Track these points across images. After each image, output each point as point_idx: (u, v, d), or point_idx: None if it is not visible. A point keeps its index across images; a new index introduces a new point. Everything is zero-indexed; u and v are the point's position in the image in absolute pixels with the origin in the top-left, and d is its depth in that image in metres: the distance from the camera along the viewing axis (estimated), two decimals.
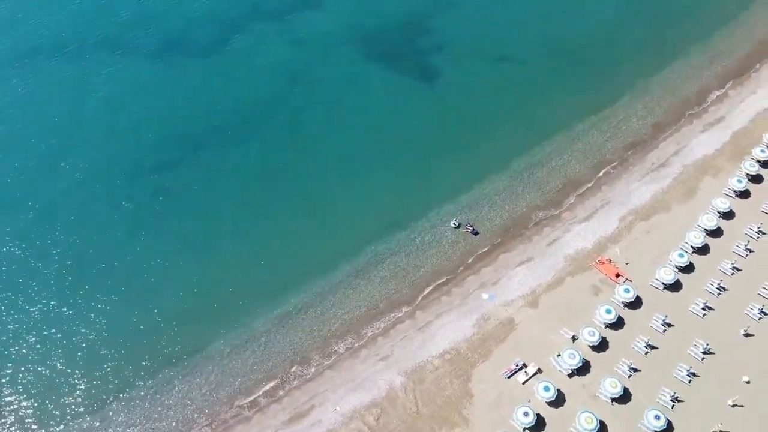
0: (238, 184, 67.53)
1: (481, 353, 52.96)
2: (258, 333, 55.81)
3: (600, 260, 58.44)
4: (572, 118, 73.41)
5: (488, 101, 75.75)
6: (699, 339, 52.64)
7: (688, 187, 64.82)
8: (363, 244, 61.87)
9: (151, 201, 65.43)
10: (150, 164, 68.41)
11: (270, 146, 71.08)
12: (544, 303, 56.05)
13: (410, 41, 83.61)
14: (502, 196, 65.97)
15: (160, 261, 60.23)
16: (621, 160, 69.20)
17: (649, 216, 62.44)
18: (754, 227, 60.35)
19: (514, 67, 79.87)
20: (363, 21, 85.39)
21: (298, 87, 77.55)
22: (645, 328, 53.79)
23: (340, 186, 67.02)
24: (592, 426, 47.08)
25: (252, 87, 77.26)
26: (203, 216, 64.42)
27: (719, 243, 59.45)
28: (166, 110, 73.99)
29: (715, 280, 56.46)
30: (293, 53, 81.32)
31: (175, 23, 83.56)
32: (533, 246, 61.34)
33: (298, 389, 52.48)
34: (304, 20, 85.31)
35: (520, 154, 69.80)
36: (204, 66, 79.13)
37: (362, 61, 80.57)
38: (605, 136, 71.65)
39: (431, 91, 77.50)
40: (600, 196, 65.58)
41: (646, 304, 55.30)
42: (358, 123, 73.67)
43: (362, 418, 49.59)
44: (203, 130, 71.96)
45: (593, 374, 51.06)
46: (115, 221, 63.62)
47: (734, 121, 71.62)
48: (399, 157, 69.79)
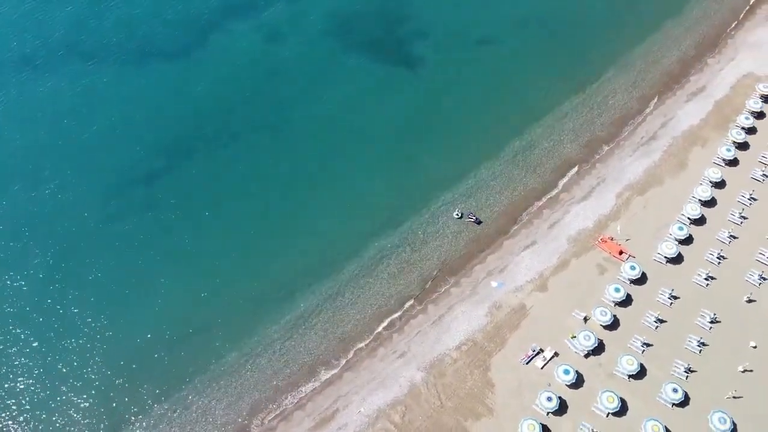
0: (230, 189, 66.23)
1: (496, 342, 53.59)
2: (272, 341, 55.35)
3: (602, 239, 59.40)
4: (559, 97, 73.94)
5: (473, 85, 75.63)
6: (705, 309, 54.20)
7: (679, 159, 66.09)
8: (366, 241, 61.60)
9: (142, 214, 63.68)
10: (137, 176, 66.46)
11: (258, 147, 69.68)
12: (553, 286, 56.84)
13: (388, 28, 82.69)
14: (499, 181, 66.27)
15: (162, 277, 58.91)
16: (611, 136, 70.13)
17: (644, 190, 63.56)
18: (746, 194, 62.00)
19: (496, 49, 79.73)
20: (339, 9, 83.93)
21: (280, 83, 76.15)
22: (652, 302, 55.11)
23: (335, 183, 66.40)
24: (614, 404, 48.30)
25: (233, 87, 75.45)
26: (198, 226, 63.07)
27: (715, 213, 60.98)
28: (148, 118, 71.83)
29: (715, 249, 58.02)
30: (271, 48, 79.70)
31: (146, 27, 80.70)
32: (535, 230, 61.98)
33: (319, 394, 52.43)
34: (279, 13, 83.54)
35: (511, 138, 70.06)
36: (181, 69, 76.85)
37: (342, 52, 79.39)
38: (594, 112, 72.39)
39: (415, 78, 76.90)
40: (595, 174, 66.45)
41: (651, 278, 56.56)
42: (344, 116, 72.76)
43: (388, 417, 49.89)
44: (188, 136, 70.18)
45: (608, 353, 52.21)
46: (108, 239, 61.67)
47: (716, 89, 73.01)
48: (390, 149, 69.52)
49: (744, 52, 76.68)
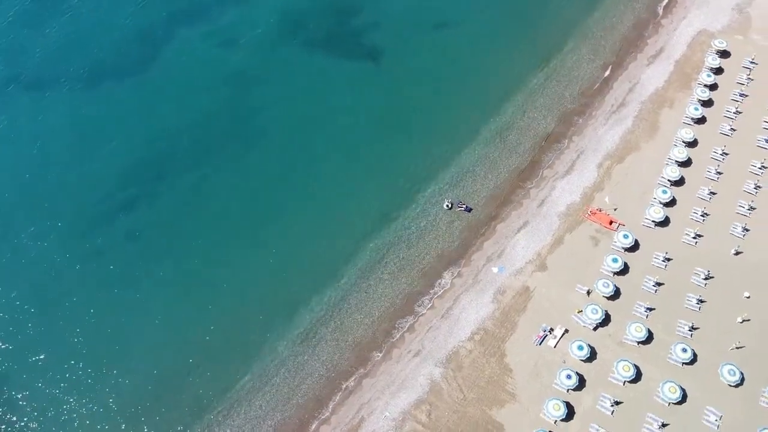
0: (211, 208, 64.19)
1: (507, 327, 54.37)
2: (284, 358, 54.55)
3: (591, 211, 60.70)
4: (525, 74, 74.56)
5: (438, 71, 75.39)
6: (698, 267, 56.37)
7: (650, 122, 67.88)
8: (360, 244, 61.05)
9: (125, 248, 61.13)
10: (112, 208, 63.63)
11: (232, 160, 67.57)
12: (552, 264, 57.88)
13: (343, 21, 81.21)
14: (481, 166, 66.61)
15: (159, 310, 56.94)
16: (583, 108, 71.33)
17: (623, 158, 65.12)
18: (718, 150, 64.36)
19: (454, 32, 79.55)
20: (291, 7, 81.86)
21: (243, 90, 73.97)
22: (649, 267, 56.90)
23: (318, 189, 65.29)
24: (630, 373, 49.93)
25: (195, 100, 72.71)
26: (186, 251, 60.93)
27: (692, 172, 63.10)
28: (111, 144, 68.61)
29: (698, 208, 60.17)
30: (228, 55, 77.13)
31: (93, 49, 76.63)
32: (525, 210, 62.81)
33: (341, 405, 52.18)
34: (229, 17, 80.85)
35: (485, 120, 70.36)
36: (138, 88, 73.57)
37: (301, 51, 77.65)
38: (561, 86, 73.35)
39: (378, 70, 76.07)
40: (573, 147, 67.62)
41: (643, 244, 58.30)
42: (314, 118, 71.19)
43: (414, 418, 50.14)
44: (158, 157, 67.54)
45: (615, 322, 53.75)
46: (95, 278, 58.98)
47: (673, 50, 75.02)
48: (367, 147, 68.69)
49: (694, 9, 78.85)
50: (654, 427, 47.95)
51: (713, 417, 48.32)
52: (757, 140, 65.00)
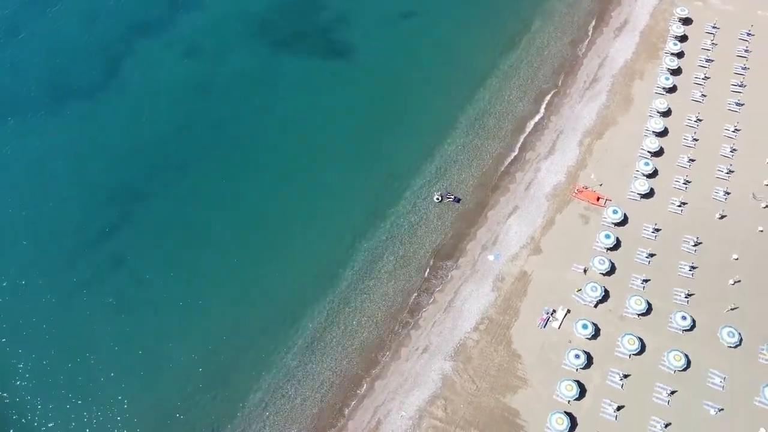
0: (196, 223, 62.77)
1: (510, 313, 54.92)
2: (291, 369, 53.96)
3: (578, 189, 61.53)
4: (496, 57, 74.90)
5: (410, 62, 75.12)
6: (687, 234, 57.86)
7: (624, 95, 68.95)
8: (354, 245, 60.58)
9: (113, 275, 58.88)
10: (93, 232, 61.49)
11: (213, 172, 66.05)
12: (546, 246, 58.57)
13: (309, 19, 79.96)
14: (465, 154, 66.74)
15: (157, 335, 55.47)
16: (557, 87, 71.98)
17: (602, 133, 66.09)
18: (692, 117, 65.89)
19: (422, 20, 79.37)
20: (252, 9, 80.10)
21: (214, 99, 72.30)
22: (640, 239, 58.12)
23: (304, 194, 64.40)
24: (635, 346, 51.14)
25: (166, 113, 70.75)
26: (176, 271, 59.46)
27: (670, 141, 64.50)
28: (86, 167, 66.20)
29: (680, 176, 61.61)
30: (194, 64, 75.16)
31: (52, 68, 73.68)
32: (513, 195, 63.28)
33: (356, 410, 52.07)
34: (190, 24, 78.80)
35: (463, 108, 70.48)
36: (105, 106, 71.02)
37: (269, 53, 76.22)
38: (533, 66, 73.90)
39: (350, 67, 75.27)
40: (552, 127, 68.26)
41: (631, 217, 59.46)
42: (291, 121, 70.35)
43: (431, 414, 50.40)
44: (136, 176, 65.47)
45: (614, 297, 54.82)
46: (84, 308, 56.83)
47: (637, 21, 76.27)
48: (348, 146, 67.96)
49: None
50: (663, 396, 49.32)
51: (718, 379, 49.96)
52: (728, 104, 66.77)
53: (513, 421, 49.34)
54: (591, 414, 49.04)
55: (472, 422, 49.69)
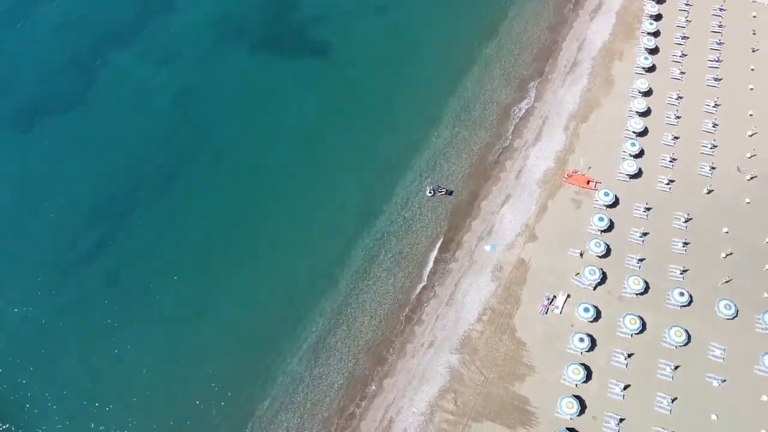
0: (187, 235, 61.95)
1: (511, 302, 55.41)
2: (299, 375, 53.79)
3: (568, 174, 62.09)
4: (476, 46, 74.99)
5: (390, 56, 74.81)
6: (677, 211, 58.86)
7: (605, 77, 69.62)
8: (350, 246, 60.47)
9: (107, 291, 58.32)
10: (83, 252, 60.49)
11: (200, 181, 65.39)
12: (541, 233, 59.09)
13: (282, 19, 79.22)
14: (453, 146, 66.86)
15: (162, 352, 54.80)
16: (538, 72, 72.36)
17: (586, 117, 66.71)
18: (673, 95, 66.87)
19: (398, 13, 79.01)
20: (224, 12, 78.85)
21: (194, 106, 71.35)
22: (632, 219, 58.97)
23: (293, 197, 64.10)
24: (637, 325, 52.05)
25: (145, 124, 69.58)
26: (171, 284, 58.70)
27: (653, 120, 65.39)
28: (68, 185, 64.79)
29: (665, 154, 62.57)
30: (170, 71, 73.95)
31: (24, 89, 71.67)
32: (505, 183, 63.64)
33: (368, 410, 52.17)
34: (161, 32, 77.44)
35: (447, 99, 70.52)
36: (81, 122, 69.61)
37: (246, 57, 75.26)
38: (513, 53, 74.21)
39: (329, 65, 74.72)
40: (537, 113, 68.69)
41: (622, 198, 60.23)
42: (273, 124, 69.65)
43: (442, 408, 50.73)
44: (120, 190, 64.42)
45: (611, 279, 55.61)
46: (81, 328, 56.01)
47: (612, 2, 77.05)
48: (335, 146, 67.60)
49: None
50: (667, 372, 50.35)
51: (718, 351, 51.14)
52: (706, 80, 67.89)
53: (523, 408, 49.93)
54: (599, 395, 49.86)
55: (483, 413, 50.16)
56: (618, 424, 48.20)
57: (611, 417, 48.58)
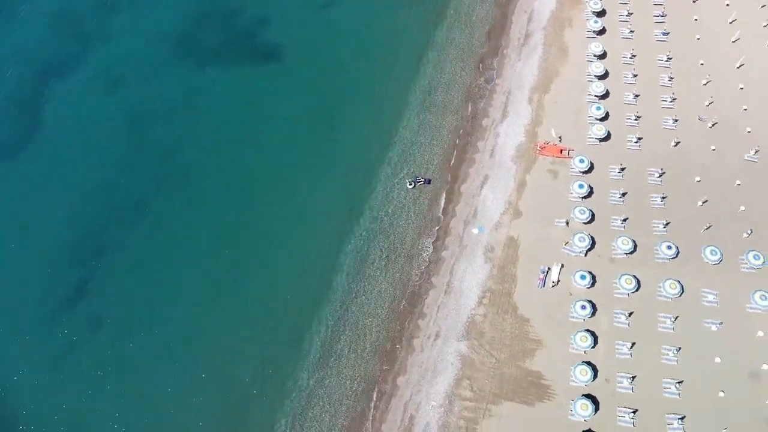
0: (169, 261, 59.62)
1: (508, 281, 55.87)
2: (311, 388, 52.92)
3: (540, 146, 62.78)
4: (428, 30, 74.77)
5: (344, 52, 73.69)
6: (650, 168, 60.48)
7: (559, 46, 70.51)
8: (338, 249, 59.57)
9: (94, 331, 55.69)
10: (60, 298, 57.35)
11: (172, 205, 62.75)
12: (524, 208, 59.65)
13: (229, 27, 76.60)
14: (423, 134, 66.58)
15: (160, 388, 52.91)
16: (494, 49, 72.67)
17: (547, 87, 67.48)
18: (627, 54, 68.35)
19: (345, 6, 77.63)
20: (164, 28, 75.57)
21: (151, 128, 68.24)
22: (609, 182, 60.21)
23: (271, 207, 62.36)
24: (633, 284, 53.39)
25: (104, 153, 66.19)
26: (162, 315, 56.61)
27: (612, 82, 66.71)
28: (30, 231, 61.22)
29: (630, 113, 64.01)
30: (120, 96, 70.47)
31: None
32: (480, 164, 63.88)
33: (386, 411, 51.89)
34: (105, 55, 73.68)
35: (408, 88, 70.08)
36: (33, 161, 65.60)
37: (197, 71, 72.51)
38: (465, 33, 74.32)
39: (285, 67, 72.93)
40: (499, 90, 69.06)
41: (596, 162, 61.35)
42: (238, 137, 67.40)
43: (460, 396, 50.91)
44: (91, 226, 61.29)
45: (599, 243, 56.73)
46: (74, 375, 53.54)
47: None
48: (304, 150, 65.93)
49: None
50: (668, 324, 51.96)
51: (711, 296, 53.08)
52: (655, 35, 69.67)
53: (538, 383, 50.66)
54: (608, 358, 51.06)
55: (499, 394, 50.64)
56: (631, 383, 49.53)
57: (623, 377, 49.89)
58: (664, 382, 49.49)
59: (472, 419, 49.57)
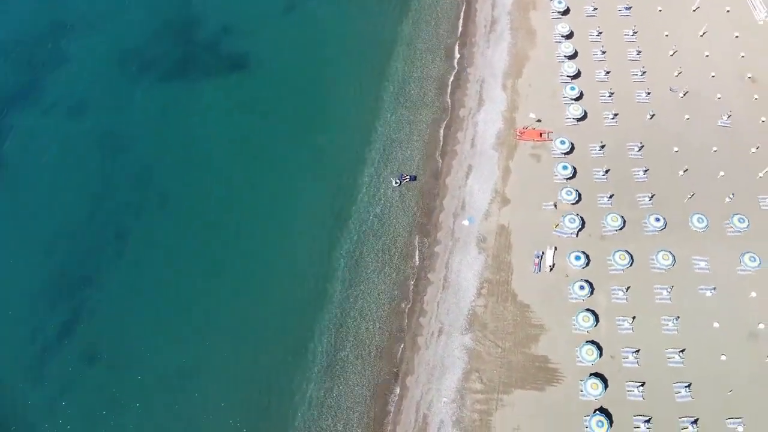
0: (158, 290, 57.56)
1: (504, 269, 56.02)
2: (320, 398, 52.14)
3: (519, 131, 62.98)
4: (393, 25, 74.13)
5: (312, 55, 72.46)
6: (629, 142, 61.25)
7: (526, 29, 70.75)
8: (330, 256, 58.68)
9: (91, 370, 53.91)
10: (50, 337, 55.15)
11: (153, 231, 60.75)
12: (511, 195, 59.82)
13: (189, 38, 74.49)
14: (401, 131, 66.06)
15: (166, 419, 51.63)
16: (461, 38, 72.46)
17: (520, 71, 67.68)
18: (593, 32, 68.97)
19: (307, 8, 76.31)
20: (123, 46, 73.12)
21: (121, 153, 65.89)
22: (591, 160, 60.80)
23: (256, 221, 61.04)
24: (626, 260, 54.08)
25: (73, 184, 63.51)
26: (158, 344, 54.83)
27: (582, 60, 67.26)
28: (4, 268, 58.81)
29: (604, 90, 64.70)
30: (85, 122, 67.78)
31: None
32: (462, 155, 63.73)
33: (400, 413, 51.54)
34: (63, 80, 70.68)
35: (381, 85, 69.43)
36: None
37: (162, 88, 70.24)
38: (431, 25, 73.99)
39: (253, 76, 71.29)
40: (472, 79, 68.93)
41: (576, 142, 61.85)
42: (214, 151, 65.50)
43: (470, 390, 50.93)
44: (72, 261, 59.03)
45: (589, 222, 57.23)
46: (75, 415, 51.91)
47: None
48: (283, 159, 64.53)
49: None
50: (664, 295, 52.84)
51: (703, 263, 54.17)
52: (619, 11, 70.56)
53: (546, 367, 51.01)
54: (610, 334, 51.73)
55: (509, 383, 50.82)
56: (636, 357, 50.24)
57: (627, 351, 50.57)
58: (667, 353, 50.40)
59: (486, 411, 49.66)
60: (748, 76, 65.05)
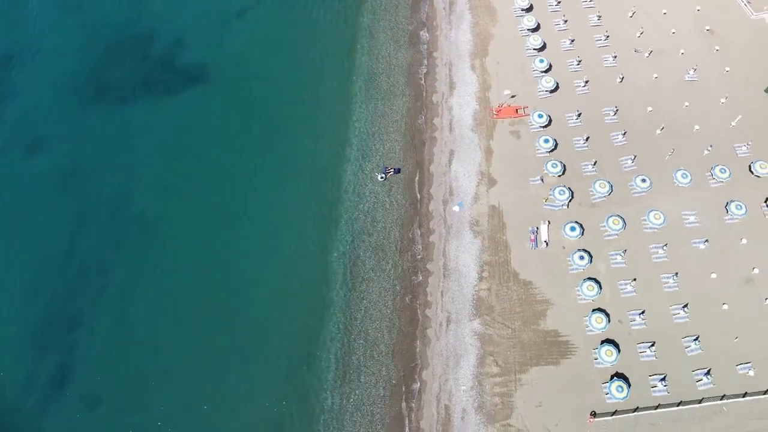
0: (155, 323, 55.11)
1: (502, 249, 56.00)
2: (339, 406, 51.21)
3: (495, 110, 62.84)
4: (352, 20, 72.97)
5: (273, 57, 70.77)
6: (604, 108, 61.85)
7: (486, 7, 70.53)
8: (326, 260, 57.61)
9: (93, 416, 51.76)
10: (45, 384, 52.58)
11: (136, 261, 58.27)
12: (497, 174, 59.74)
13: (142, 55, 71.54)
14: (377, 124, 65.18)
15: None
16: (423, 24, 71.72)
17: (486, 50, 67.45)
18: (553, 2, 69.17)
19: (260, 11, 74.28)
20: (73, 70, 69.62)
21: (89, 183, 62.84)
22: (570, 130, 61.19)
23: (243, 234, 59.33)
24: (620, 224, 54.73)
25: (43, 223, 60.22)
26: (161, 380, 52.88)
27: (546, 32, 67.47)
28: None
29: (571, 59, 65.07)
30: (45, 156, 64.35)
31: None
32: (443, 141, 63.27)
33: (421, 409, 51.15)
34: (15, 113, 66.94)
35: (349, 80, 68.40)
36: None
37: (121, 111, 67.33)
38: (390, 13, 73.12)
39: (215, 86, 68.96)
40: (439, 62, 68.40)
41: (552, 114, 62.04)
42: (186, 172, 62.87)
43: (487, 374, 50.86)
44: (56, 303, 56.24)
45: (578, 191, 57.60)
46: None
47: None
48: (261, 168, 62.88)
49: None
50: (660, 253, 53.77)
51: (692, 218, 55.30)
52: None
53: (557, 341, 51.35)
54: (615, 299, 52.38)
55: (524, 362, 50.97)
56: (642, 318, 51.04)
57: (634, 314, 51.31)
58: (671, 309, 51.36)
59: (506, 393, 49.74)
60: (707, 28, 66.41)
